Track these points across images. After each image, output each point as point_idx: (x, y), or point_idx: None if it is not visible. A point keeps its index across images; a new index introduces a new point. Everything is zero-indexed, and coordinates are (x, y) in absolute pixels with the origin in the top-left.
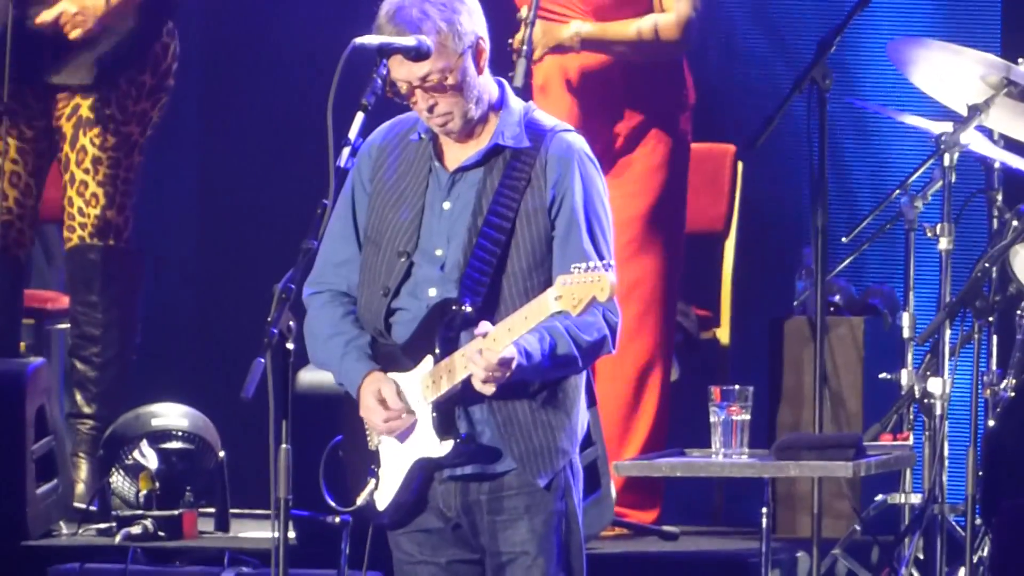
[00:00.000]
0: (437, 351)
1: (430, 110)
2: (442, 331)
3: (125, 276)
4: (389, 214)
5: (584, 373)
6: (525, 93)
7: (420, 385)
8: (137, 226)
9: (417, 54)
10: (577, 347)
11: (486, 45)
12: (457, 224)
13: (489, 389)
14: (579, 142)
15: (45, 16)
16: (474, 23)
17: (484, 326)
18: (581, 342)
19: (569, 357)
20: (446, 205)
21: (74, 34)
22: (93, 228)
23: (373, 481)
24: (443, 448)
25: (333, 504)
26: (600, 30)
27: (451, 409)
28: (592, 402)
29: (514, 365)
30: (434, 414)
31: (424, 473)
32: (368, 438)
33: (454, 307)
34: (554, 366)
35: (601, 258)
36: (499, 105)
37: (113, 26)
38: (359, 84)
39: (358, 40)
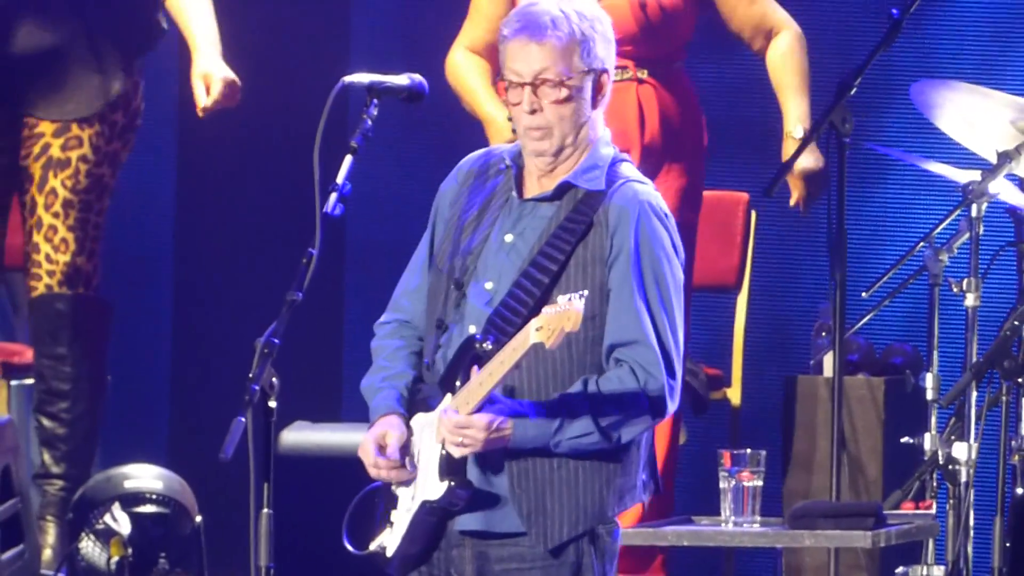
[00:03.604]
0: (457, 387)
1: (531, 112)
2: (464, 369)
3: (94, 326)
4: (460, 242)
5: (638, 446)
6: None
7: (436, 424)
8: (109, 276)
9: (409, 95)
10: (597, 425)
11: (609, 83)
12: (513, 259)
13: (457, 452)
14: (647, 192)
15: (208, 102)
16: (607, 54)
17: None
18: (603, 420)
19: (586, 435)
20: (508, 238)
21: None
22: (62, 276)
23: (388, 526)
24: (439, 489)
25: (350, 547)
26: (802, 105)
27: None
28: (656, 489)
29: (476, 435)
30: (443, 452)
31: (430, 519)
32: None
33: (476, 345)
34: (569, 439)
35: (653, 319)
36: (592, 147)
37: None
38: (350, 124)
39: (347, 78)
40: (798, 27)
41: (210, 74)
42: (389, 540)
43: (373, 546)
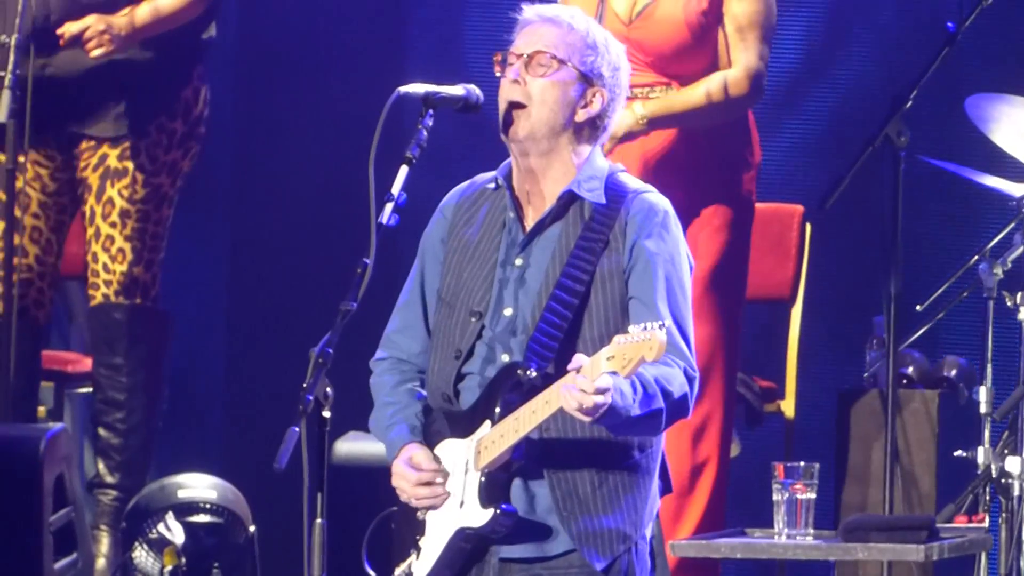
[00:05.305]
0: (497, 414)
1: (513, 82)
2: (504, 396)
3: (152, 337)
4: (464, 272)
5: (659, 455)
6: None
7: (473, 451)
8: (164, 285)
9: (465, 105)
10: (665, 399)
11: (603, 104)
12: (529, 283)
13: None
14: (662, 203)
15: (70, 27)
16: (610, 79)
17: (579, 359)
18: (668, 393)
19: (657, 410)
20: (518, 261)
21: (95, 53)
22: (119, 285)
23: (415, 553)
24: (483, 517)
25: (372, 573)
26: (665, 105)
27: (501, 478)
28: (667, 489)
29: (608, 397)
30: (482, 479)
31: (466, 546)
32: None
33: (519, 372)
34: (642, 416)
35: (677, 321)
36: (584, 162)
37: (134, 56)
38: (406, 133)
39: (402, 88)
40: (754, 67)
41: (109, 23)
42: (417, 567)
43: (398, 572)
